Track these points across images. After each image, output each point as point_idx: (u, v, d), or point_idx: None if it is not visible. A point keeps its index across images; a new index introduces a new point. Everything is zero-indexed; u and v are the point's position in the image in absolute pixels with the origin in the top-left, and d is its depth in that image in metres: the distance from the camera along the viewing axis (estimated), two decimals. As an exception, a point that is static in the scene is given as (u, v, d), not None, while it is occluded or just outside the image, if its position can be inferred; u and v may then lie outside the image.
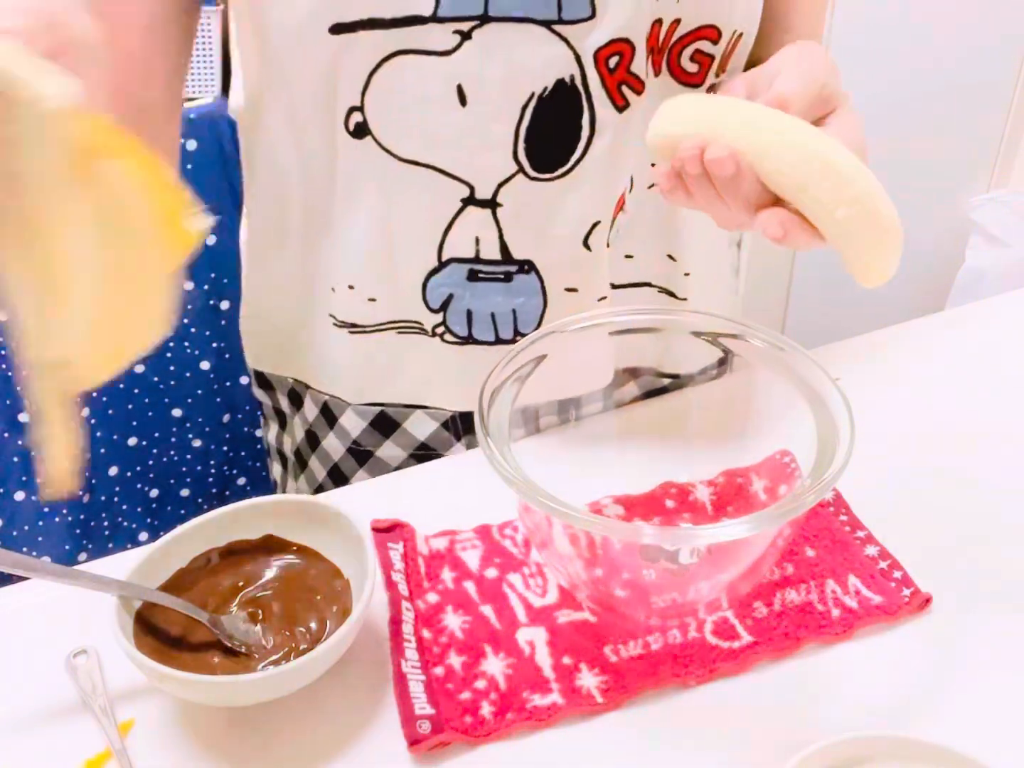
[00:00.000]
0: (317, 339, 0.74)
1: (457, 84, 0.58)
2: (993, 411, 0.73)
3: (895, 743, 0.44)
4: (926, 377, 0.78)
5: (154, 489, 1.40)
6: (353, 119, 0.61)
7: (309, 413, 0.78)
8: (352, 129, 0.61)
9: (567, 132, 0.61)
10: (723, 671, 0.53)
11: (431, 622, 0.56)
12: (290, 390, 0.80)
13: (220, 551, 0.56)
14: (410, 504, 0.64)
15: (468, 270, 0.66)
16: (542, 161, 0.62)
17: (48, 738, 0.51)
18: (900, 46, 1.70)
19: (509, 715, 0.50)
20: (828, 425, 0.52)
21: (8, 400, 1.26)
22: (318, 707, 0.52)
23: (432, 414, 0.74)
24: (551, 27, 0.57)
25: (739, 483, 0.62)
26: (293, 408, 0.81)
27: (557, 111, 0.60)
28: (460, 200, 0.63)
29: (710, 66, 0.64)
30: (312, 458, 0.80)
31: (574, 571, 0.54)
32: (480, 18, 0.56)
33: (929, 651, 0.54)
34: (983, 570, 0.59)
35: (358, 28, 0.56)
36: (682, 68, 0.63)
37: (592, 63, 0.59)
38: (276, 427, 0.85)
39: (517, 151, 0.61)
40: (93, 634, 0.55)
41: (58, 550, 1.34)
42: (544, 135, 0.61)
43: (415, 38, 0.57)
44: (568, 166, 0.62)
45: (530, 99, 0.59)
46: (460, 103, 0.59)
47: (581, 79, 0.59)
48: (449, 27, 0.57)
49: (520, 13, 0.56)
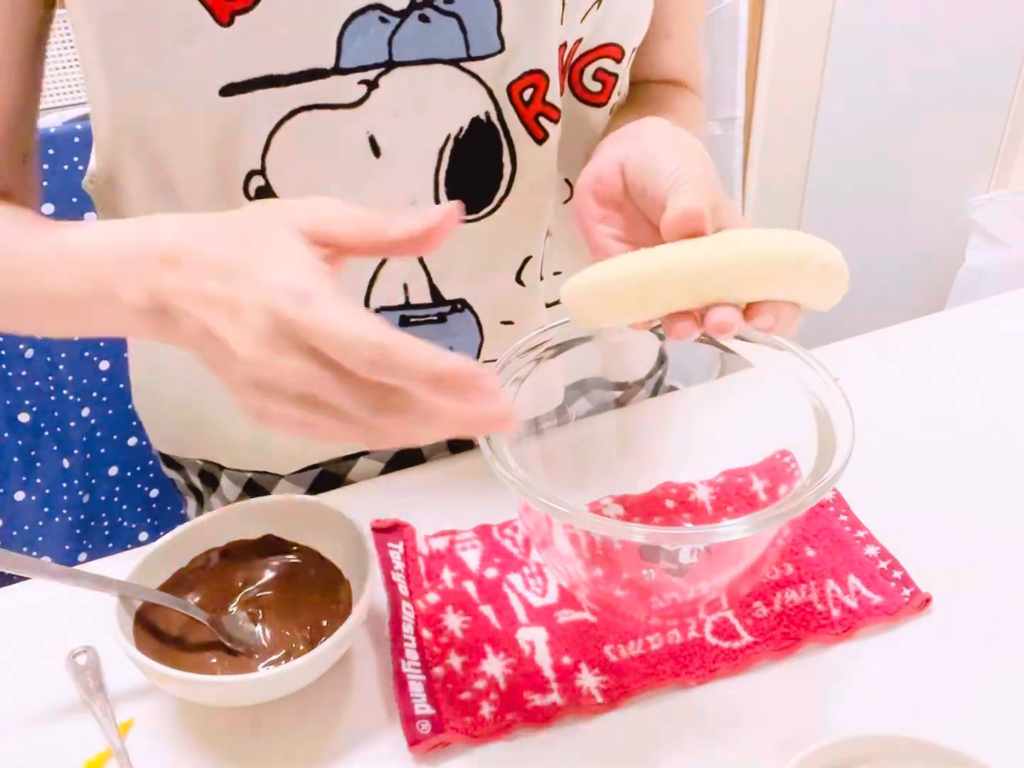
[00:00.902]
0: (222, 416, 0.68)
1: (369, 135, 0.56)
2: (993, 411, 0.73)
3: (895, 743, 0.43)
4: (926, 377, 0.78)
5: (154, 489, 1.40)
6: (254, 183, 0.56)
7: (229, 493, 0.73)
8: (253, 195, 0.57)
9: (488, 171, 0.59)
10: (723, 671, 0.53)
11: (431, 622, 0.56)
12: (200, 471, 0.75)
13: (220, 551, 0.57)
14: (410, 504, 0.64)
15: (399, 316, 0.63)
16: (466, 204, 0.59)
17: (48, 738, 0.51)
18: (900, 46, 1.70)
19: (509, 715, 0.50)
20: (828, 425, 0.52)
21: (8, 400, 1.26)
22: (318, 707, 0.52)
23: (377, 455, 0.71)
24: (460, 65, 0.55)
25: (739, 483, 0.62)
26: (208, 488, 0.76)
27: (475, 151, 0.58)
28: None
29: (614, 86, 0.62)
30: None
31: (574, 571, 0.54)
32: (385, 64, 0.53)
33: (929, 651, 0.54)
34: (983, 570, 0.59)
35: (253, 87, 0.52)
36: (584, 87, 0.62)
37: (507, 98, 0.57)
38: (195, 503, 0.80)
39: (438, 195, 0.59)
40: (93, 634, 0.55)
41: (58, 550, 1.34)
42: (465, 176, 0.59)
43: (318, 92, 0.53)
44: (492, 205, 0.60)
45: (446, 141, 0.57)
46: (374, 155, 0.56)
47: (497, 115, 0.57)
48: (354, 77, 0.53)
49: (427, 55, 0.54)
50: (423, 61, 0.54)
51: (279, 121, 0.54)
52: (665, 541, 0.51)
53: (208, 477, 0.75)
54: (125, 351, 1.29)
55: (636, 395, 0.78)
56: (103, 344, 1.27)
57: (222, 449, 0.72)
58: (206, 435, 0.71)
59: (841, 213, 1.84)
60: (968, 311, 0.91)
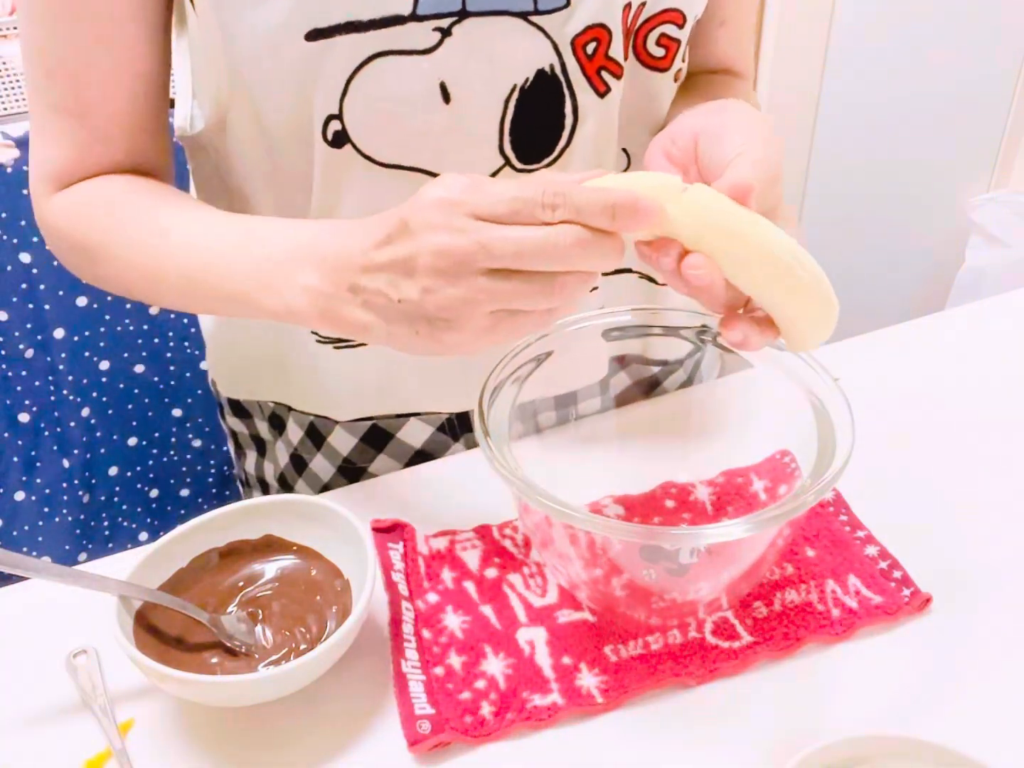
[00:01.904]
0: (298, 359, 0.72)
1: (440, 82, 0.58)
2: (993, 411, 0.73)
3: (895, 743, 0.43)
4: (926, 377, 0.78)
5: (154, 489, 1.40)
6: (331, 128, 0.59)
7: (293, 436, 0.77)
8: (331, 139, 0.60)
9: (551, 121, 0.61)
10: (723, 671, 0.53)
11: (431, 622, 0.56)
12: (271, 415, 0.78)
13: (220, 551, 0.56)
14: (410, 504, 0.64)
15: None
16: (528, 152, 0.62)
17: (48, 738, 0.51)
18: (900, 47, 1.70)
19: (509, 715, 0.50)
20: (828, 425, 0.52)
21: (8, 400, 1.26)
22: (318, 707, 0.52)
23: (427, 420, 0.73)
24: (528, 18, 0.57)
25: (739, 483, 0.62)
26: (275, 432, 0.79)
27: (539, 101, 0.60)
28: None
29: (677, 51, 0.64)
30: (299, 482, 0.78)
31: (574, 571, 0.54)
32: (459, 14, 0.56)
33: (929, 651, 0.54)
34: (983, 570, 0.59)
35: (335, 33, 0.55)
36: (648, 52, 0.63)
37: (570, 51, 0.59)
38: (255, 455, 0.83)
39: (503, 144, 0.61)
40: (93, 634, 0.55)
41: (58, 550, 1.34)
42: (528, 126, 0.61)
43: (394, 38, 0.56)
44: (554, 155, 0.62)
45: (512, 91, 0.59)
46: (444, 101, 0.58)
47: (561, 68, 0.59)
48: (429, 25, 0.56)
49: (497, 6, 0.56)
50: (493, 12, 0.57)
51: (357, 66, 0.57)
52: (665, 541, 0.51)
53: (276, 421, 0.78)
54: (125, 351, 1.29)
55: (674, 374, 0.79)
56: (103, 344, 1.27)
57: (294, 389, 0.75)
58: (283, 375, 0.74)
59: (841, 213, 1.84)
60: (968, 311, 0.91)
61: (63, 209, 0.63)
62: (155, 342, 1.32)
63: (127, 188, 0.62)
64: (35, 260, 1.20)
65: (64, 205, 0.63)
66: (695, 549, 0.53)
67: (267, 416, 0.79)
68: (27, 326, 1.23)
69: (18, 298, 1.21)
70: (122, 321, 1.28)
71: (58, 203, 0.63)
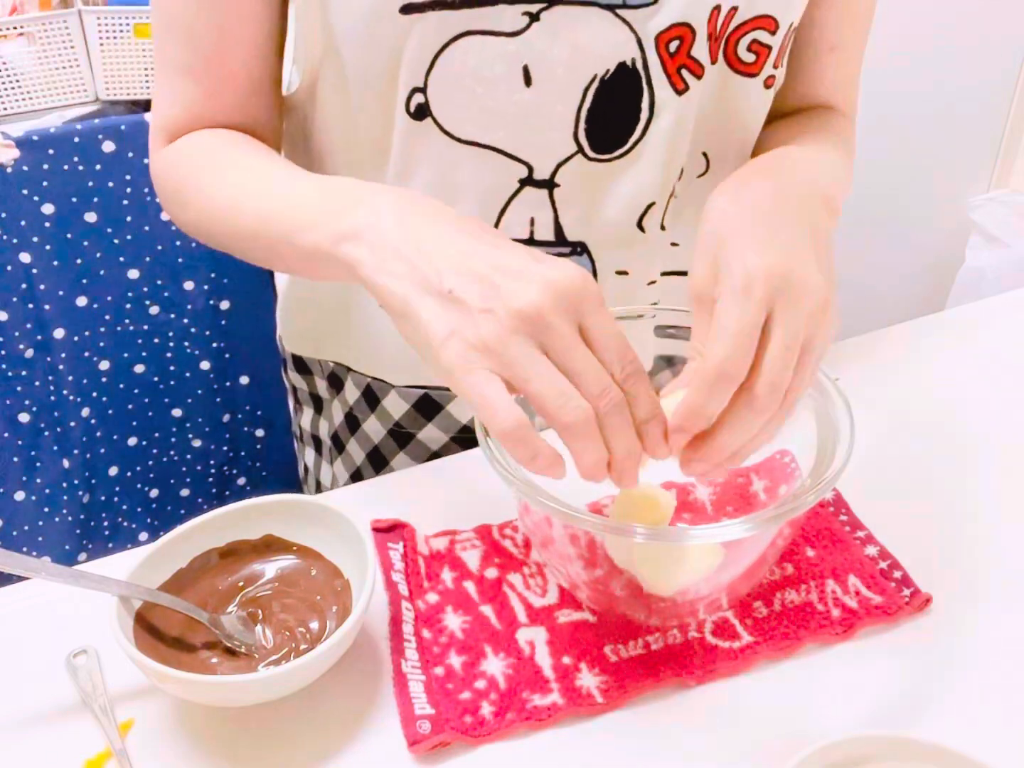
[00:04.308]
0: (361, 321, 0.74)
1: (523, 65, 0.59)
2: (993, 411, 0.73)
3: (895, 743, 0.43)
4: (926, 377, 0.78)
5: (154, 489, 1.40)
6: (415, 100, 0.61)
7: (350, 396, 0.78)
8: (413, 111, 0.62)
9: (627, 114, 0.62)
10: (723, 671, 0.53)
11: (431, 622, 0.56)
12: (330, 374, 0.80)
13: (220, 551, 0.56)
14: (410, 504, 0.64)
15: None
16: (601, 142, 0.63)
17: (48, 738, 0.51)
18: (900, 46, 1.70)
19: (509, 715, 0.50)
20: (828, 425, 0.52)
21: (8, 400, 1.26)
22: (318, 707, 0.52)
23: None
24: (615, 11, 0.59)
25: (739, 483, 0.62)
26: (332, 391, 0.81)
27: (618, 93, 0.61)
28: (518, 180, 0.64)
29: (767, 57, 0.64)
30: (351, 441, 0.80)
31: (574, 571, 0.54)
32: (549, 0, 0.57)
33: (929, 651, 0.54)
34: (983, 570, 0.59)
35: (428, 8, 0.57)
36: (739, 58, 0.64)
37: (653, 47, 0.60)
38: (311, 412, 0.85)
39: (577, 132, 0.62)
40: (93, 634, 0.55)
41: (58, 550, 1.34)
42: (605, 116, 0.62)
43: (484, 18, 0.58)
44: (627, 147, 0.63)
45: (592, 81, 0.61)
46: (525, 84, 0.60)
47: (642, 63, 0.61)
48: (519, 8, 0.58)
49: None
50: (582, 3, 0.58)
51: (446, 43, 0.59)
52: (665, 541, 0.50)
53: (335, 380, 0.80)
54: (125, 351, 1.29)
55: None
56: (103, 344, 1.27)
57: (355, 350, 0.76)
58: (346, 335, 0.76)
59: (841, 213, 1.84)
60: (968, 311, 0.91)
61: (165, 159, 0.66)
62: (155, 342, 1.32)
63: (225, 140, 0.64)
64: (35, 260, 1.20)
65: (167, 154, 0.66)
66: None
67: (326, 375, 0.80)
68: (27, 326, 1.23)
69: (18, 298, 1.21)
70: (122, 321, 1.29)
71: (165, 154, 0.66)
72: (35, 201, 1.16)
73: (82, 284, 1.23)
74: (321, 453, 0.86)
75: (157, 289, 1.28)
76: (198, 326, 1.31)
